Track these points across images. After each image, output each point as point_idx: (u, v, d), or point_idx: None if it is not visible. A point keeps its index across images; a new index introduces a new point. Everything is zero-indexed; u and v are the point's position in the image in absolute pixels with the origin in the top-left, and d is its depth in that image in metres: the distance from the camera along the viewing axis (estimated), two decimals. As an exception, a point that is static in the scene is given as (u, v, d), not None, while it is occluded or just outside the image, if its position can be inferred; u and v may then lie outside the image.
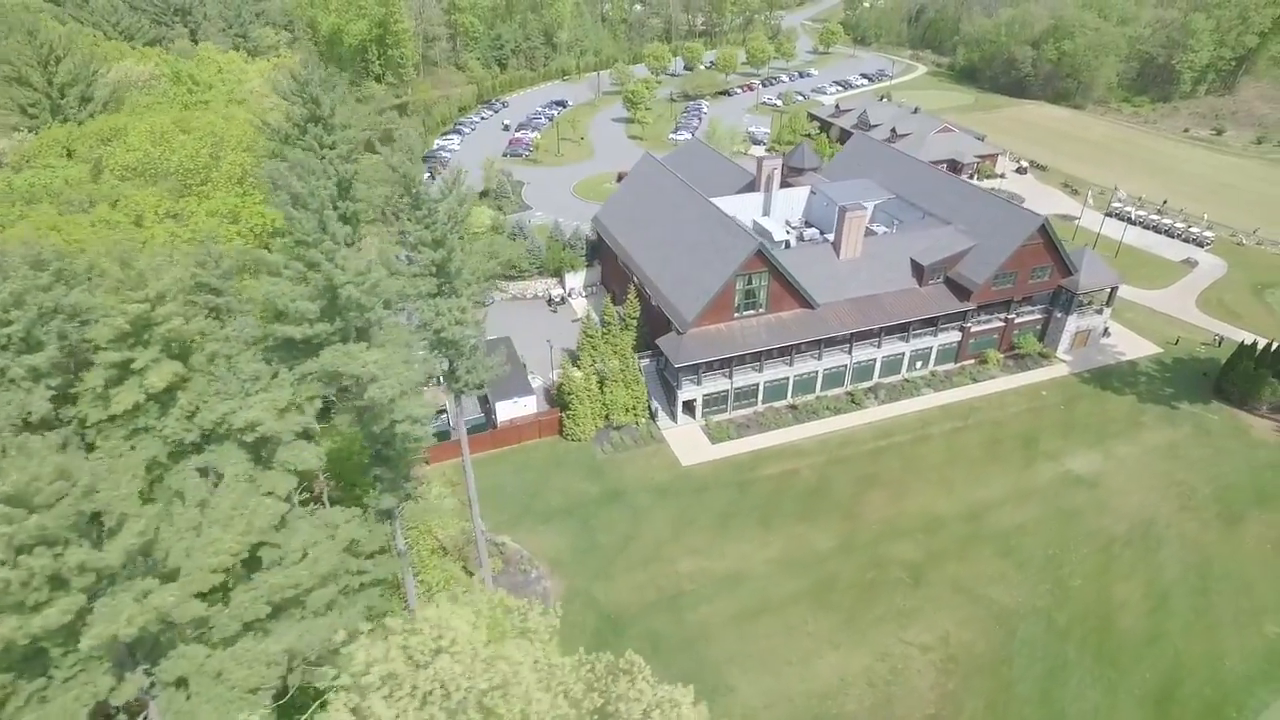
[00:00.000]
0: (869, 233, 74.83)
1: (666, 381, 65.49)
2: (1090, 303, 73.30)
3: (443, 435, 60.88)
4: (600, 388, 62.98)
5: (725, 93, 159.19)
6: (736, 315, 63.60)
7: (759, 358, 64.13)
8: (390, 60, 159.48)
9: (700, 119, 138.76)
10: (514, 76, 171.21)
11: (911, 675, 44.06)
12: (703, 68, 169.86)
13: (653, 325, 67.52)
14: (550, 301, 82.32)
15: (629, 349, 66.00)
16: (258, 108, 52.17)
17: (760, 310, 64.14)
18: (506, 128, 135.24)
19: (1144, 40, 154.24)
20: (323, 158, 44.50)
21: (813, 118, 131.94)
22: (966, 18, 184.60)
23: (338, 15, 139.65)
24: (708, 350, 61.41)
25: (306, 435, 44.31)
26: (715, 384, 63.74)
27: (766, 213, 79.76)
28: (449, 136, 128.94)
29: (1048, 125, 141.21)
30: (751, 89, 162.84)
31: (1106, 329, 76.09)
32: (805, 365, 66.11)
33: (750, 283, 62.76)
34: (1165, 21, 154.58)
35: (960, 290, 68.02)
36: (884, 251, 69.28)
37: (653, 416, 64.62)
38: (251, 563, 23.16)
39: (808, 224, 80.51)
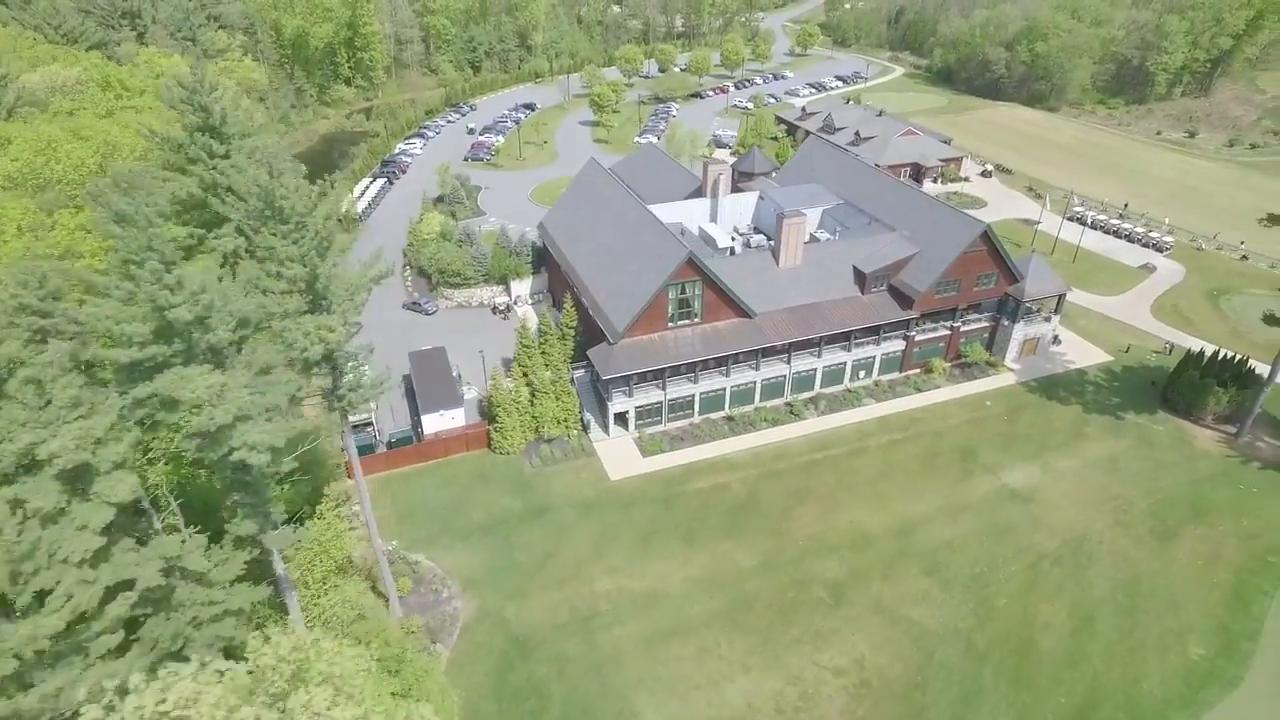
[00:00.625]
0: (813, 239, 73.82)
1: (600, 393, 64.11)
2: (1039, 310, 72.03)
3: (368, 448, 59.52)
4: (531, 400, 61.64)
5: (697, 95, 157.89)
6: (670, 325, 62.31)
7: (693, 369, 62.80)
8: (360, 63, 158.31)
9: (668, 122, 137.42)
10: (486, 79, 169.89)
11: (821, 701, 42.71)
12: (677, 70, 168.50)
13: (590, 335, 66.22)
14: (495, 309, 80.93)
15: (562, 359, 64.72)
16: (164, 115, 50.96)
17: (695, 320, 62.84)
18: (471, 131, 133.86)
19: (1118, 42, 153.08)
20: (213, 168, 43.15)
21: (780, 121, 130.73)
22: (944, 19, 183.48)
23: (303, 18, 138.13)
24: (638, 361, 60.07)
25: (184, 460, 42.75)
26: (648, 396, 62.38)
27: (714, 219, 78.52)
28: (412, 140, 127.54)
29: (1018, 128, 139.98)
30: (724, 91, 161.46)
31: (1056, 337, 74.78)
32: (742, 376, 64.79)
33: (684, 292, 61.49)
34: (1139, 23, 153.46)
35: (903, 298, 66.74)
36: (825, 259, 68.01)
37: (585, 429, 63.25)
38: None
39: (756, 230, 79.19)
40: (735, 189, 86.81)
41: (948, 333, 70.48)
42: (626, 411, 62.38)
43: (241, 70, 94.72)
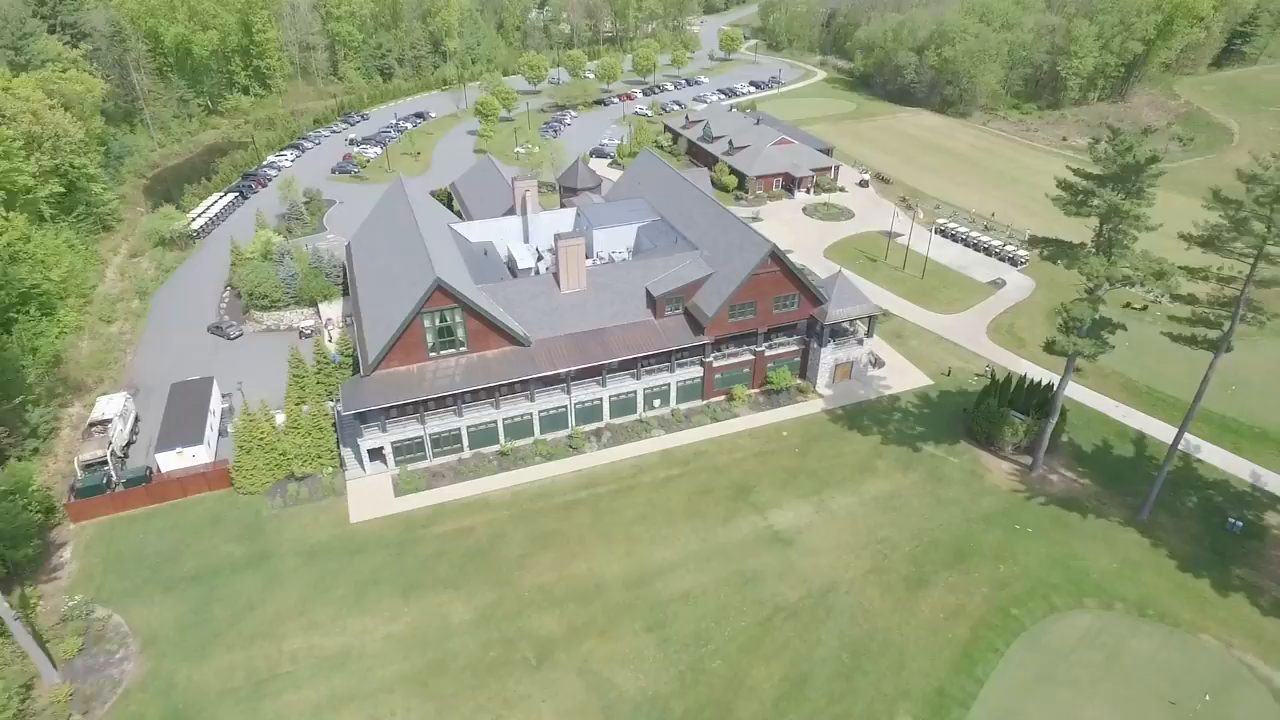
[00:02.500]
0: (610, 260, 70.35)
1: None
2: (853, 332, 68.58)
3: (95, 489, 55.59)
4: (280, 435, 57.82)
5: (600, 102, 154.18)
6: (432, 355, 58.63)
7: (458, 400, 59.01)
8: (257, 71, 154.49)
9: (559, 131, 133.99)
10: (395, 87, 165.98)
11: (478, 781, 38.97)
12: (588, 77, 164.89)
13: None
14: (302, 334, 77.02)
15: (319, 391, 60.95)
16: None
17: (461, 349, 59.17)
18: (352, 142, 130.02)
19: (1027, 47, 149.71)
20: None
21: (667, 129, 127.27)
22: (865, 23, 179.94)
23: (183, 26, 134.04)
24: (389, 395, 56.26)
25: None
26: (406, 430, 58.54)
27: (526, 239, 74.85)
28: (284, 152, 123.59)
29: (917, 134, 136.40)
30: (631, 98, 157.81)
31: (876, 360, 71.30)
32: (516, 408, 61.01)
33: (444, 320, 57.82)
34: (1049, 27, 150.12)
35: (696, 323, 63.17)
36: (614, 281, 64.43)
37: (343, 465, 59.40)
38: None
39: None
40: (563, 204, 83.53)
41: (751, 358, 66.87)
42: (382, 447, 58.54)
43: (68, 82, 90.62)
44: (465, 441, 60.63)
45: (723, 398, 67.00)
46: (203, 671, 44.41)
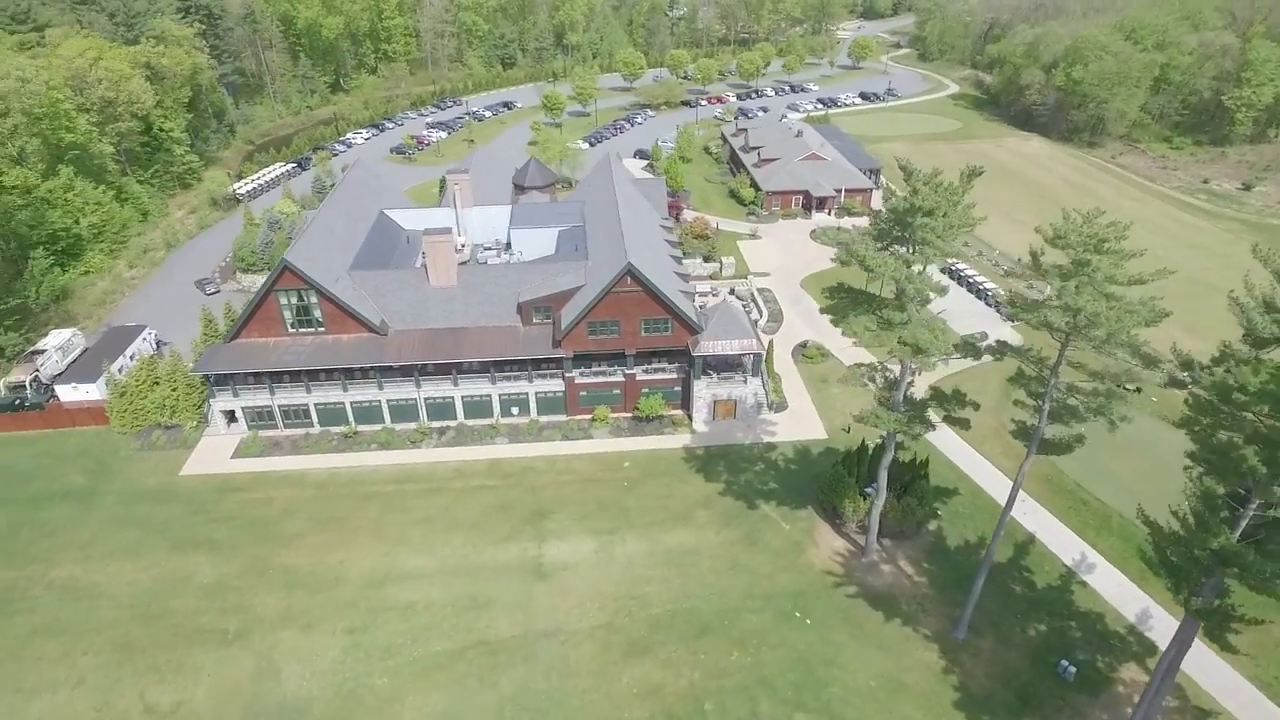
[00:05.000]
0: (471, 262, 69.45)
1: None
2: (742, 368, 62.62)
3: (5, 408, 63.86)
4: (153, 386, 63.26)
5: (686, 103, 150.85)
6: (291, 331, 61.40)
7: (306, 377, 61.17)
8: (385, 55, 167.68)
9: (623, 130, 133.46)
10: (506, 76, 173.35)
11: (100, 736, 40.57)
12: (688, 78, 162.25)
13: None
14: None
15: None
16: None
17: (319, 329, 61.42)
18: (429, 127, 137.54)
19: (1184, 70, 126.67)
20: None
21: (721, 135, 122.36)
22: (1011, 36, 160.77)
23: (315, 10, 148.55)
24: (236, 363, 59.87)
25: None
26: (256, 398, 61.65)
27: (459, 231, 75.65)
28: (363, 130, 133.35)
29: (1005, 161, 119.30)
30: (722, 101, 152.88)
31: (778, 403, 64.62)
32: (365, 393, 62.13)
33: (301, 300, 60.36)
34: (1220, 48, 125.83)
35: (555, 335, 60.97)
36: (486, 283, 63.69)
37: (206, 421, 63.69)
38: None
39: (508, 245, 75.40)
40: (514, 201, 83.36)
41: (623, 380, 63.20)
42: (234, 410, 62.12)
43: (157, 57, 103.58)
44: (315, 418, 62.77)
45: (587, 416, 63.94)
46: (-35, 589, 49.69)
